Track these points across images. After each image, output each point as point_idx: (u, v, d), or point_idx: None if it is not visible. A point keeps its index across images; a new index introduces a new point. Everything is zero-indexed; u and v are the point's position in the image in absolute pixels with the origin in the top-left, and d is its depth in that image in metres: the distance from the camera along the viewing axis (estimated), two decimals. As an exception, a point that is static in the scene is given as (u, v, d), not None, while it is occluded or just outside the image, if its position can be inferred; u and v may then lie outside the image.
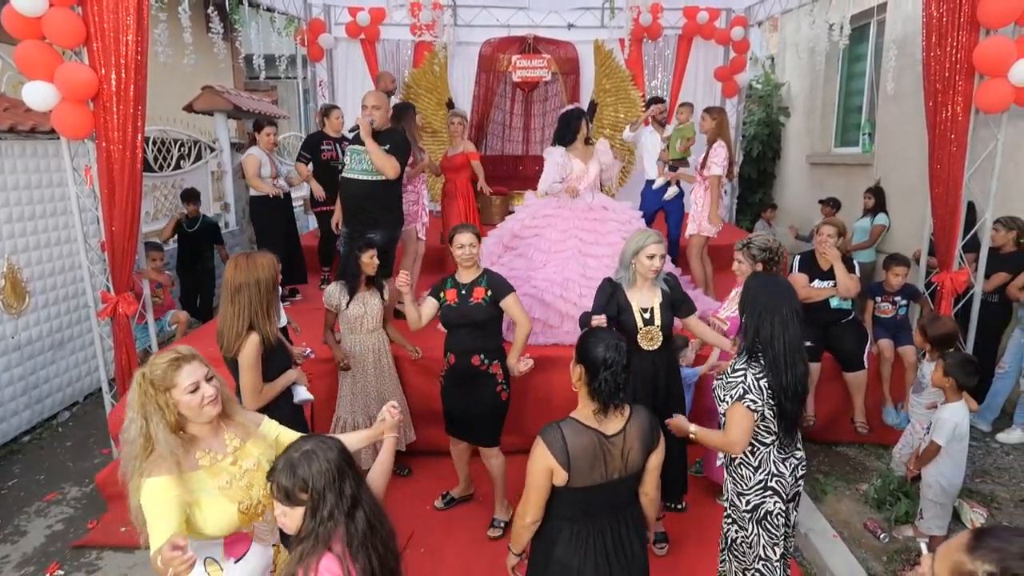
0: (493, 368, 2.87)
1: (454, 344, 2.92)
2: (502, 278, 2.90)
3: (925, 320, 3.19)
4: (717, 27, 7.05)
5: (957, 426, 2.69)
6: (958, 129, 3.50)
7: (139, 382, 1.61)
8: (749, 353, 2.01)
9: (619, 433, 1.71)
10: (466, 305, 2.84)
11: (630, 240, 2.68)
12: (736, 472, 2.12)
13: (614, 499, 1.76)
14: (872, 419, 3.77)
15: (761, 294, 2.02)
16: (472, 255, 2.84)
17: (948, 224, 3.67)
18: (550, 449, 1.66)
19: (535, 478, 1.68)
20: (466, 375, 2.87)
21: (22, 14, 3.12)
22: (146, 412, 1.59)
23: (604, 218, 4.12)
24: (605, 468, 1.69)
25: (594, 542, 1.73)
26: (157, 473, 1.58)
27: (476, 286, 2.85)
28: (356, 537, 1.41)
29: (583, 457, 1.66)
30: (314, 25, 6.89)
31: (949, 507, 2.88)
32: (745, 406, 1.96)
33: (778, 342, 1.95)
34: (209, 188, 6.51)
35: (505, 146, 7.41)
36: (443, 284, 2.93)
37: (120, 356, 3.71)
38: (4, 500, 3.51)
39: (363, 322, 3.22)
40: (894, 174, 5.87)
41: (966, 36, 3.37)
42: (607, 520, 1.76)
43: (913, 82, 5.30)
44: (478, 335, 2.85)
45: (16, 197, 4.15)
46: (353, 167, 3.72)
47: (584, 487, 1.68)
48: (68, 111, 3.28)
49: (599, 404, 1.69)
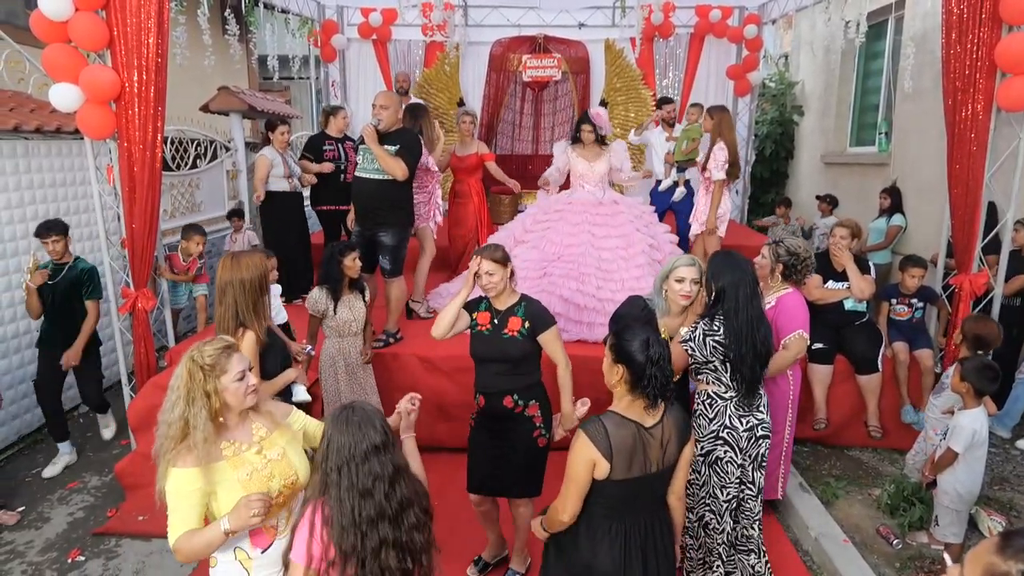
0: (530, 410, 2.45)
1: (484, 383, 2.49)
2: (543, 308, 2.48)
3: (970, 317, 3.12)
4: (730, 25, 6.99)
5: (976, 433, 2.64)
6: (979, 128, 3.44)
7: (188, 367, 1.63)
8: (712, 316, 2.30)
9: (658, 424, 1.74)
10: (499, 337, 2.42)
11: (667, 263, 2.61)
12: (695, 423, 2.40)
13: (651, 494, 1.79)
14: (886, 423, 3.73)
15: (726, 271, 2.31)
16: (495, 284, 2.41)
17: (967, 225, 3.61)
18: (593, 441, 1.67)
19: (576, 471, 1.68)
20: (498, 419, 2.47)
21: (49, 18, 3.21)
22: (192, 397, 1.62)
23: (615, 211, 4.18)
24: (645, 460, 1.71)
25: (629, 541, 1.74)
26: (183, 464, 1.62)
27: (512, 315, 2.43)
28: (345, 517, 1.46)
29: (624, 449, 1.68)
30: (327, 26, 6.96)
31: (965, 514, 2.83)
32: (684, 348, 2.36)
33: (743, 313, 2.23)
34: (224, 187, 6.61)
35: (515, 145, 7.41)
36: (478, 304, 2.52)
37: (139, 350, 3.79)
38: (28, 488, 3.60)
39: (351, 326, 3.19)
40: (911, 174, 5.79)
41: (987, 32, 3.31)
42: (643, 516, 1.77)
43: (932, 80, 5.22)
44: (511, 372, 2.43)
45: (42, 195, 4.26)
46: (365, 166, 3.74)
47: (624, 480, 1.69)
48: (92, 112, 3.37)
49: (648, 400, 1.70)
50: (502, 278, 2.41)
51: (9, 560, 3.00)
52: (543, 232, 4.17)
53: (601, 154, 4.25)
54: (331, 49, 7.04)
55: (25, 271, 4.05)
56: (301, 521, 1.54)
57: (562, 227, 4.10)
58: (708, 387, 2.40)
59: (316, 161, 5.00)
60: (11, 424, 4.05)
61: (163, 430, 1.64)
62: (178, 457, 1.63)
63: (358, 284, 3.24)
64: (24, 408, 4.15)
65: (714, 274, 2.33)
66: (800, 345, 2.76)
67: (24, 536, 3.18)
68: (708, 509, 2.40)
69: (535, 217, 4.34)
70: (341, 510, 1.46)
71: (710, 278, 2.35)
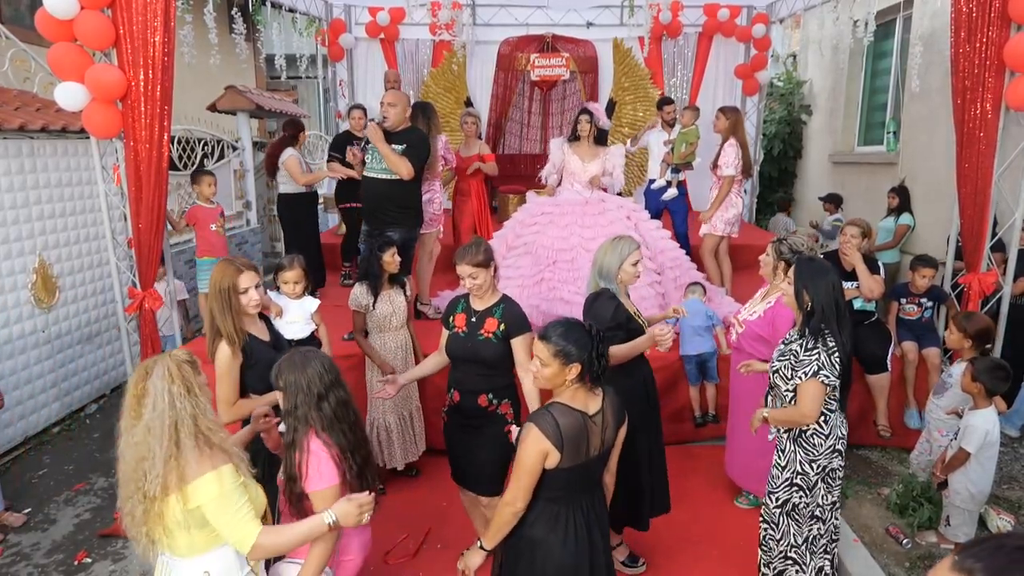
0: (503, 408, 2.48)
1: (458, 380, 2.50)
2: (520, 312, 2.45)
3: (961, 318, 3.09)
4: (738, 24, 6.98)
5: (988, 433, 2.62)
6: (988, 127, 3.41)
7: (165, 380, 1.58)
8: (814, 332, 2.16)
9: (599, 412, 1.82)
10: (474, 339, 2.42)
11: (608, 253, 2.57)
12: (808, 442, 2.25)
13: (592, 476, 1.87)
14: (895, 423, 3.71)
15: (819, 280, 2.18)
16: (477, 286, 2.39)
17: (976, 224, 3.58)
18: (544, 433, 1.72)
19: (529, 463, 1.73)
20: (471, 416, 2.48)
21: (55, 17, 3.21)
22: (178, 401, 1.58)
23: (602, 210, 4.19)
24: (588, 446, 1.78)
25: (572, 520, 1.81)
26: (215, 462, 1.60)
27: (489, 316, 2.42)
28: (324, 420, 1.82)
29: (573, 437, 1.74)
30: (334, 25, 6.96)
31: (976, 514, 2.82)
32: (820, 381, 2.14)
33: (844, 320, 2.17)
34: (231, 186, 6.62)
35: (523, 145, 7.41)
36: (455, 306, 2.54)
37: (146, 351, 3.79)
38: (35, 489, 3.61)
39: (391, 320, 3.22)
40: (919, 173, 5.75)
41: (996, 32, 3.28)
42: (584, 498, 1.85)
43: (940, 79, 5.18)
44: (486, 373, 2.43)
45: (48, 195, 4.27)
46: (373, 166, 3.75)
47: (570, 467, 1.75)
48: (98, 111, 3.36)
49: (591, 385, 1.79)
50: (484, 279, 2.39)
51: (16, 562, 3.01)
52: (534, 237, 4.18)
53: (597, 155, 4.25)
54: (338, 48, 7.04)
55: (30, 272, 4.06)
56: (306, 457, 1.77)
57: (552, 231, 4.12)
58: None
59: (343, 160, 5.00)
60: (17, 425, 4.06)
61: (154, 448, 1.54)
62: (210, 460, 1.58)
63: (398, 279, 3.26)
64: (30, 409, 4.16)
65: (806, 286, 2.19)
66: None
67: (31, 538, 3.18)
68: (815, 520, 2.31)
69: (524, 222, 4.35)
70: (333, 428, 1.82)
71: (801, 290, 2.21)
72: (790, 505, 2.30)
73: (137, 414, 1.58)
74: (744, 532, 3.00)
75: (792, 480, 2.28)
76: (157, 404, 1.56)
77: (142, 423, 1.56)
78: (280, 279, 2.85)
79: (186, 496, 1.56)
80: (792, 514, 2.30)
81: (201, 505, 1.57)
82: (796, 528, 2.31)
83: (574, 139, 4.30)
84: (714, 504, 3.25)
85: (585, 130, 4.21)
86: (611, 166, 4.26)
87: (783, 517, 2.33)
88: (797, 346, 2.20)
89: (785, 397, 2.25)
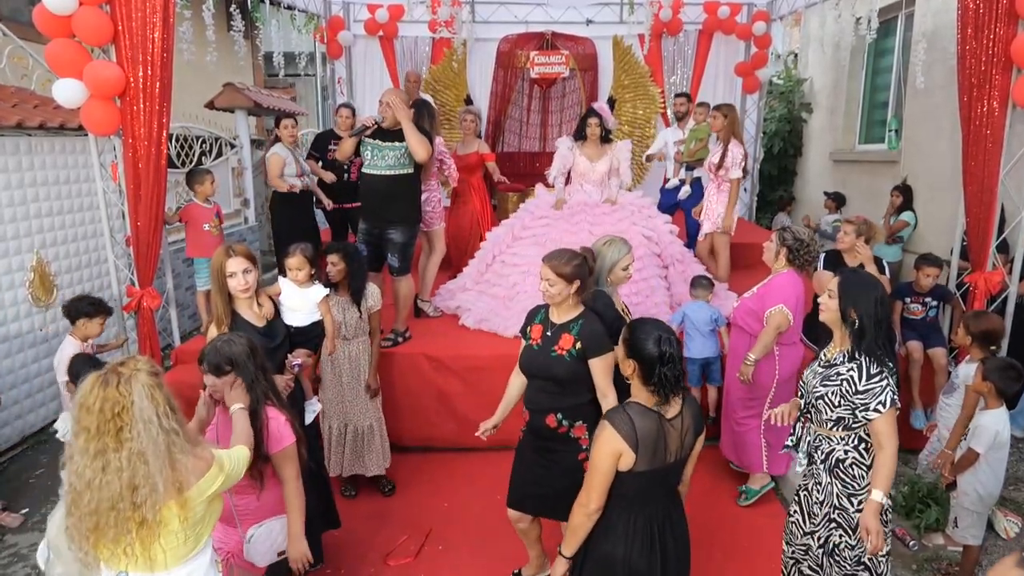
0: (576, 431, 2.26)
1: (529, 397, 2.35)
2: (600, 330, 2.23)
3: (969, 316, 3.06)
4: (738, 22, 6.96)
5: (998, 434, 2.60)
6: (994, 125, 3.40)
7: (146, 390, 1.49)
8: (871, 354, 1.92)
9: (678, 415, 1.75)
10: (547, 354, 2.24)
11: (601, 256, 2.55)
12: (847, 472, 1.98)
13: (668, 483, 1.79)
14: (900, 424, 3.68)
15: (866, 297, 1.94)
16: (552, 294, 2.22)
17: (982, 223, 3.57)
18: (619, 432, 1.67)
19: (601, 462, 1.69)
20: (542, 437, 2.31)
21: (53, 13, 3.17)
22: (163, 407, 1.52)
23: (610, 210, 4.24)
24: (666, 450, 1.71)
25: (647, 531, 1.75)
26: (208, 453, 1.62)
27: (565, 331, 2.24)
28: (270, 387, 2.04)
29: (649, 439, 1.68)
30: (333, 22, 6.92)
31: (985, 516, 2.78)
32: (895, 408, 1.91)
33: (892, 337, 2.00)
34: (230, 184, 6.58)
35: (522, 143, 7.38)
36: (534, 316, 2.38)
37: (144, 349, 3.77)
38: (32, 489, 3.58)
39: (340, 329, 3.02)
40: (922, 171, 5.73)
41: (1003, 28, 3.27)
42: (659, 506, 1.78)
43: (943, 77, 5.16)
44: (557, 391, 2.25)
45: (45, 192, 4.23)
46: (373, 163, 3.69)
47: (646, 471, 1.70)
48: (96, 108, 3.33)
49: (660, 397, 1.71)
50: (560, 291, 2.20)
51: (12, 563, 2.97)
52: (543, 229, 4.20)
53: (604, 153, 4.25)
54: (337, 46, 7.00)
55: (28, 270, 4.02)
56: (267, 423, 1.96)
57: (562, 225, 4.15)
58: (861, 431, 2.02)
59: (322, 159, 4.97)
60: (14, 424, 4.02)
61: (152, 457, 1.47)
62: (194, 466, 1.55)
63: (354, 291, 3.02)
64: (27, 408, 4.12)
65: (853, 301, 1.96)
66: (779, 319, 2.86)
67: (28, 539, 3.15)
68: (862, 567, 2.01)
69: (534, 214, 4.37)
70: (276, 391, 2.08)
71: (848, 306, 1.97)
72: (830, 545, 2.03)
73: (116, 440, 1.45)
74: (746, 533, 2.99)
75: (829, 516, 2.03)
76: (150, 432, 1.47)
77: (128, 450, 1.46)
78: (286, 266, 2.81)
79: (187, 499, 1.53)
80: (834, 556, 2.03)
81: (207, 496, 1.57)
82: (838, 571, 2.03)
83: (581, 139, 4.29)
84: (716, 505, 3.23)
85: (595, 133, 4.20)
86: (617, 162, 4.26)
87: (824, 558, 2.05)
88: (850, 371, 1.93)
89: (826, 424, 2.02)
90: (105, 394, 1.46)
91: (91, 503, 1.46)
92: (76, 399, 1.51)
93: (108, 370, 1.51)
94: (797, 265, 2.96)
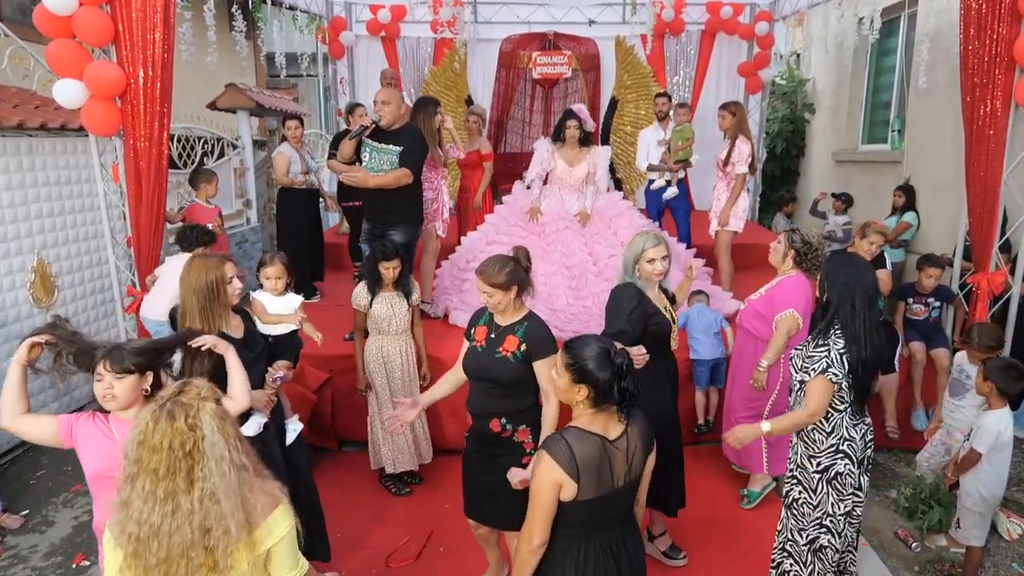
0: (520, 435, 2.23)
1: (472, 401, 2.31)
2: (545, 334, 2.21)
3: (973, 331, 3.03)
4: (741, 22, 6.94)
5: (1000, 434, 2.58)
6: (997, 125, 3.38)
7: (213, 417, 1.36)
8: (829, 328, 2.11)
9: (622, 436, 1.64)
10: (491, 356, 2.21)
11: (627, 247, 2.57)
12: (808, 437, 2.20)
13: (619, 508, 1.69)
14: (902, 424, 3.67)
15: (841, 272, 2.12)
16: (494, 305, 2.20)
17: (985, 223, 3.55)
18: (557, 461, 1.56)
19: (541, 495, 1.58)
20: (486, 442, 2.27)
21: (53, 13, 3.17)
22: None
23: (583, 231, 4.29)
24: (612, 475, 1.61)
25: (601, 559, 1.64)
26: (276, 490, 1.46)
27: (510, 333, 2.21)
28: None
29: (591, 465, 1.58)
30: (335, 23, 6.93)
31: (988, 516, 2.77)
32: (827, 379, 2.08)
33: (859, 319, 2.07)
34: (232, 185, 6.58)
35: (525, 143, 7.37)
36: (478, 318, 2.35)
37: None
38: (33, 491, 3.58)
39: (390, 323, 3.16)
40: (924, 172, 5.71)
41: (1007, 28, 3.25)
42: (613, 533, 1.68)
43: (946, 77, 5.14)
44: (501, 394, 2.22)
45: (46, 193, 4.23)
46: (372, 165, 3.69)
47: (592, 499, 1.59)
48: (97, 108, 3.33)
49: (620, 412, 1.63)
50: (500, 300, 2.19)
51: (13, 565, 2.97)
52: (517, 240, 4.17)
53: (583, 157, 4.20)
54: (339, 46, 7.01)
55: (29, 271, 4.03)
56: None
57: (535, 240, 4.17)
58: None
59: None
60: (17, 423, 4.03)
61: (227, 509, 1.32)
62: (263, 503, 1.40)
63: (403, 285, 3.20)
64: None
65: (827, 279, 2.14)
66: (789, 323, 2.85)
67: (28, 540, 3.15)
68: (824, 529, 2.21)
69: (508, 220, 4.40)
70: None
71: (823, 280, 2.17)
72: (790, 498, 2.29)
73: (187, 480, 1.31)
74: (747, 534, 2.97)
75: (792, 472, 2.29)
76: (222, 468, 1.33)
77: (199, 491, 1.31)
78: (261, 275, 2.66)
79: (255, 541, 1.38)
80: (792, 508, 2.28)
81: (277, 542, 1.42)
82: (794, 524, 2.27)
83: (559, 140, 4.21)
84: (718, 506, 3.22)
85: (574, 135, 4.13)
86: (594, 167, 4.21)
87: (784, 508, 2.34)
88: (811, 340, 2.17)
89: (794, 388, 2.24)
90: (174, 429, 1.31)
91: (160, 551, 1.30)
92: (133, 436, 1.32)
93: (170, 401, 1.34)
94: (805, 268, 2.92)
